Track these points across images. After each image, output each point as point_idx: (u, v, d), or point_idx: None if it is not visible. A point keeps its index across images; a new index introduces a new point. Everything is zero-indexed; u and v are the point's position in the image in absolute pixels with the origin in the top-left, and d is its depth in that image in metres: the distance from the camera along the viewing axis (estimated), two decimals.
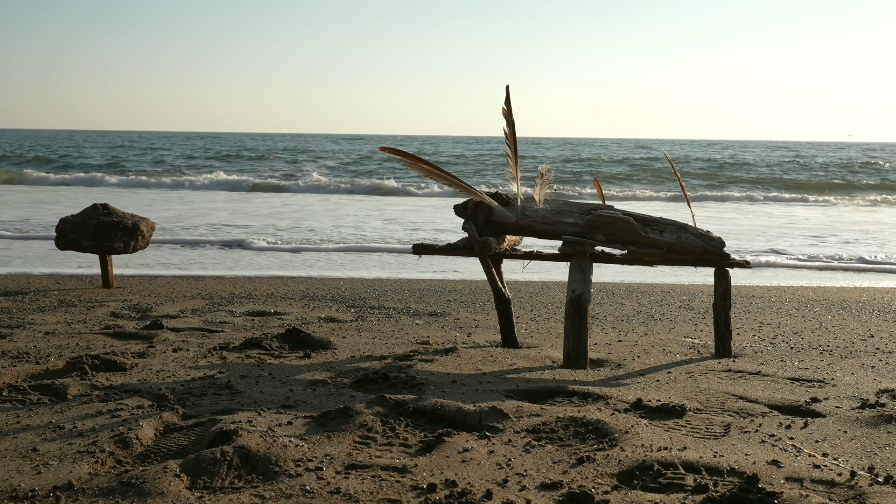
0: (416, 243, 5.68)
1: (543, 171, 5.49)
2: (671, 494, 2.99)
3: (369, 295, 8.09)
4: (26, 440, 3.39)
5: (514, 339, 5.69)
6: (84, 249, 8.10)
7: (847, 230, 16.58)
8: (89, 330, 6.01)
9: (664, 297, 8.33)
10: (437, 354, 5.29)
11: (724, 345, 5.48)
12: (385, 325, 6.53)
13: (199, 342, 5.58)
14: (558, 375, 4.80)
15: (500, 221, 5.41)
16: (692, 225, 5.38)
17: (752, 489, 2.92)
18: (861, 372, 5.05)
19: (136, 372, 4.66)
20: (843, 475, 3.18)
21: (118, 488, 2.89)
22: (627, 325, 6.72)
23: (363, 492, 2.93)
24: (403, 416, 3.74)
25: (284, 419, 3.68)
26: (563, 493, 2.96)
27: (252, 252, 11.96)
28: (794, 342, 6.04)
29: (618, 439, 3.49)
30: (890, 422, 3.91)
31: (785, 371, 5.02)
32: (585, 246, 5.18)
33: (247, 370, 4.73)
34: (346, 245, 12.71)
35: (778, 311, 7.49)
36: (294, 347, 5.45)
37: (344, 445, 3.37)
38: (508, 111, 5.26)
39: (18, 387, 4.18)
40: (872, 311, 7.54)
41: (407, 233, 14.67)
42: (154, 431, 3.55)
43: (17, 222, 15.03)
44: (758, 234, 15.42)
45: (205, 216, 17.09)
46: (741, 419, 3.92)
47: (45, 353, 5.10)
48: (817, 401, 4.27)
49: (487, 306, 7.52)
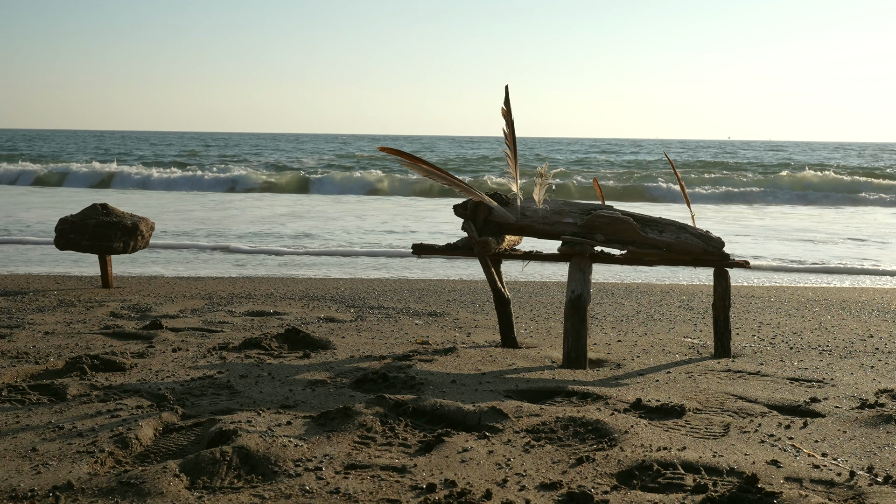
0: (415, 243, 5.68)
1: (543, 172, 5.49)
2: (670, 494, 2.99)
3: (368, 295, 8.09)
4: (26, 440, 3.39)
5: (513, 339, 5.69)
6: (83, 249, 8.10)
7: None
8: (89, 330, 6.01)
9: (663, 297, 8.33)
10: (437, 354, 5.29)
11: (724, 345, 5.48)
12: (384, 325, 6.53)
13: (199, 342, 5.58)
14: (558, 375, 4.80)
15: (499, 221, 5.41)
16: (691, 225, 5.39)
17: (752, 489, 2.92)
18: (860, 372, 5.05)
19: (136, 372, 4.66)
20: (842, 475, 3.18)
21: (117, 488, 2.89)
22: (627, 325, 6.72)
23: (362, 492, 2.93)
24: (403, 416, 3.74)
25: (284, 419, 3.68)
26: (563, 493, 2.96)
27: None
28: (794, 342, 6.04)
29: (617, 439, 3.49)
30: (889, 422, 3.91)
31: (784, 371, 5.02)
32: (585, 246, 5.18)
33: (246, 370, 4.73)
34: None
35: (777, 312, 7.49)
36: (293, 347, 5.45)
37: (343, 445, 3.37)
38: (508, 111, 5.26)
39: (18, 387, 4.18)
40: (872, 312, 7.55)
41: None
42: (153, 431, 3.55)
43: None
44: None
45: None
46: (740, 419, 3.92)
47: (44, 353, 5.10)
48: (817, 401, 4.27)
49: (487, 306, 7.52)
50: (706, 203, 24.08)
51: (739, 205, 24.20)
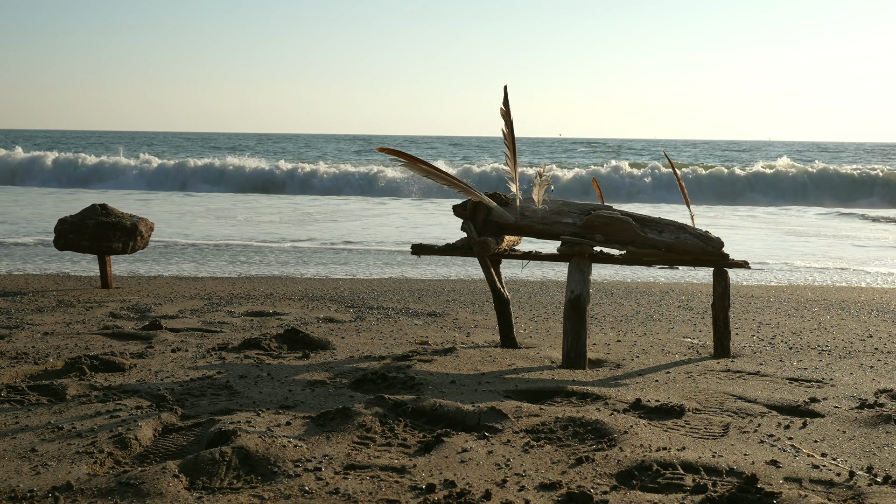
0: (414, 243, 5.68)
1: (542, 172, 5.49)
2: (670, 495, 2.99)
3: (368, 295, 8.09)
4: (25, 441, 3.39)
5: (512, 340, 5.69)
6: (83, 250, 8.09)
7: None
8: (88, 330, 6.00)
9: (663, 297, 8.33)
10: (436, 355, 5.29)
11: (723, 345, 5.48)
12: (384, 325, 6.53)
13: (198, 342, 5.58)
14: (557, 376, 4.80)
15: (498, 222, 5.41)
16: (691, 225, 5.38)
17: (751, 489, 2.92)
18: (860, 372, 5.05)
19: (135, 372, 4.66)
20: (841, 475, 3.18)
21: (117, 489, 2.89)
22: (626, 326, 6.72)
23: (362, 492, 2.93)
24: (402, 416, 3.74)
25: (283, 419, 3.68)
26: (562, 494, 2.96)
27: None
28: (793, 342, 6.05)
29: (617, 439, 3.49)
30: (889, 422, 3.91)
31: (784, 371, 5.02)
32: (584, 246, 5.18)
33: (245, 370, 4.73)
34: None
35: (777, 312, 7.49)
36: (293, 348, 5.45)
37: (343, 446, 3.37)
38: (507, 112, 5.26)
39: (17, 387, 4.18)
40: (871, 312, 7.55)
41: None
42: (153, 432, 3.55)
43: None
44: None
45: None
46: (740, 419, 3.92)
47: (43, 353, 5.10)
48: (816, 401, 4.27)
49: (486, 306, 7.52)
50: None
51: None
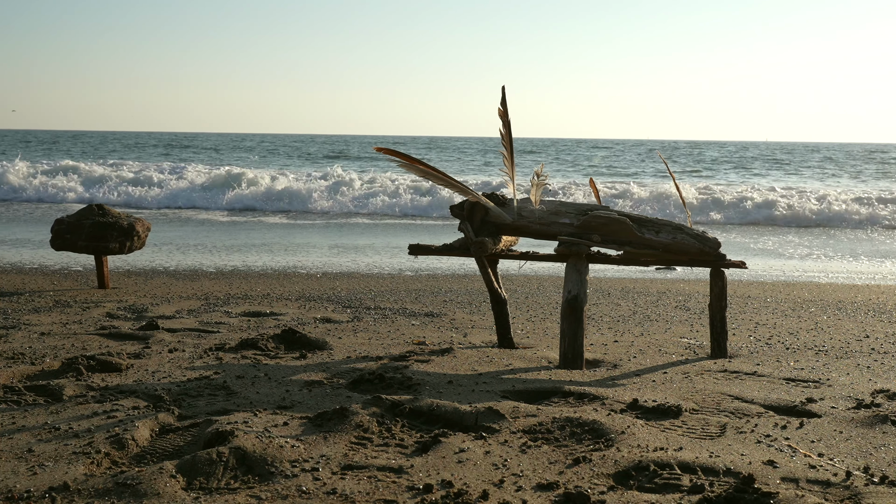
0: (411, 244, 5.68)
1: (539, 172, 5.49)
2: (667, 495, 3.00)
3: (365, 295, 8.09)
4: (22, 441, 3.39)
5: (510, 340, 5.69)
6: (80, 250, 8.08)
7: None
8: (85, 331, 6.00)
9: (660, 297, 8.34)
10: (434, 355, 5.29)
11: (720, 345, 5.49)
12: (381, 325, 6.53)
13: (195, 343, 5.57)
14: (554, 376, 4.80)
15: (496, 222, 5.41)
16: (688, 226, 5.39)
17: (748, 489, 2.92)
18: (856, 372, 5.05)
19: (132, 373, 4.66)
20: (838, 475, 3.19)
21: (114, 489, 2.89)
22: (623, 326, 6.73)
23: (359, 492, 2.93)
24: (400, 416, 3.74)
25: (280, 420, 3.68)
26: (560, 494, 2.96)
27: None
28: (790, 342, 6.05)
29: (614, 440, 3.50)
30: (885, 422, 3.92)
31: (781, 371, 5.03)
32: (581, 246, 5.18)
33: (243, 371, 4.72)
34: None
35: (774, 312, 7.50)
36: (290, 348, 5.44)
37: (340, 446, 3.37)
38: (504, 112, 5.26)
39: (14, 388, 4.18)
40: (868, 312, 7.56)
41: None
42: (150, 432, 3.54)
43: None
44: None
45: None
46: (737, 419, 3.93)
47: (40, 353, 5.09)
48: (813, 401, 4.28)
49: (483, 307, 7.52)
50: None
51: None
